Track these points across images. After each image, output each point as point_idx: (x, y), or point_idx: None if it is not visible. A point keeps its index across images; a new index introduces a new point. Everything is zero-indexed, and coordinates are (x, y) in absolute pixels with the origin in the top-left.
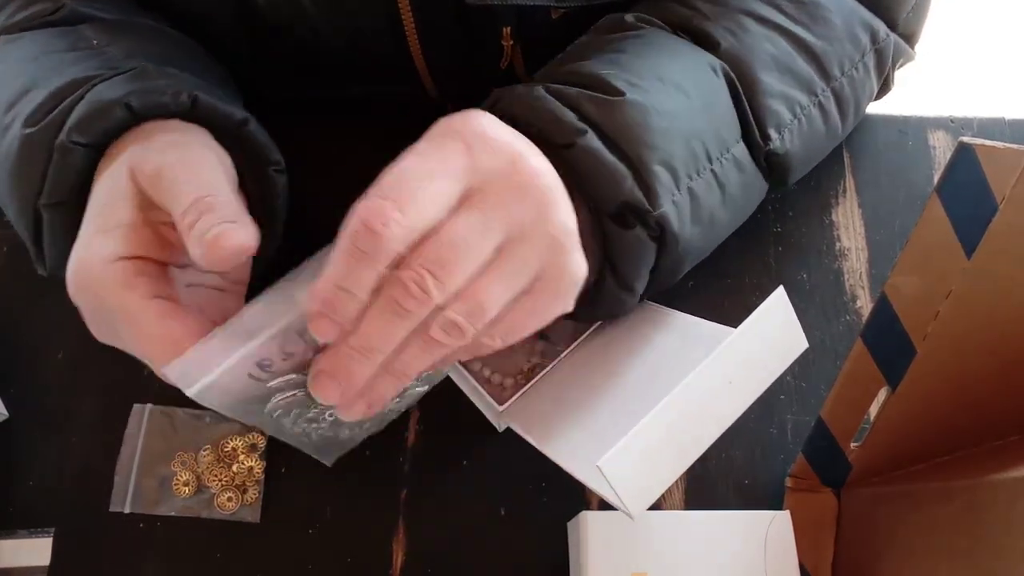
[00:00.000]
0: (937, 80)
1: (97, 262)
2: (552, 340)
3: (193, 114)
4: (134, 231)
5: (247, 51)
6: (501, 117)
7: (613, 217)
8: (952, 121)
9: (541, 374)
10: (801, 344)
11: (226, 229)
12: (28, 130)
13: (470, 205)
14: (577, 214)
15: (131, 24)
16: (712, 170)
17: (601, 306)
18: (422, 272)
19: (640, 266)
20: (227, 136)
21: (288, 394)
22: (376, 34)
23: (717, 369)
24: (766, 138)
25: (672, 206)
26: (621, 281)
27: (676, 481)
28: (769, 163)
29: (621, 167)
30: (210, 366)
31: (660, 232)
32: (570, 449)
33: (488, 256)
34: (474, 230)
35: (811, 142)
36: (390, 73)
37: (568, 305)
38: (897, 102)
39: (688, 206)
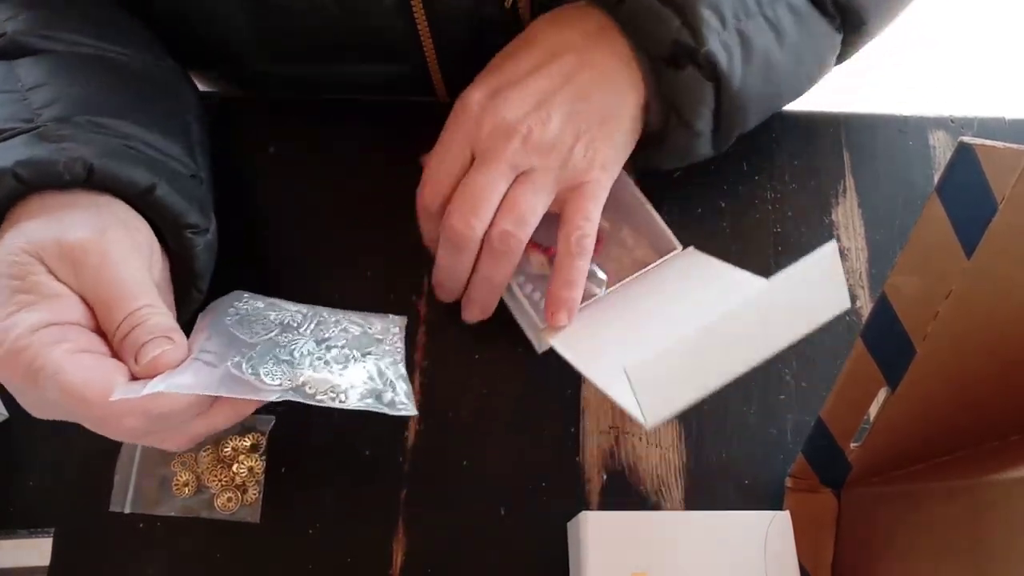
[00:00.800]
0: (937, 80)
1: (24, 330)
2: (595, 282)
3: (94, 183)
4: (59, 301)
5: (250, 30)
6: None
7: (667, 61)
8: (952, 121)
9: (585, 304)
10: (843, 303)
11: (163, 353)
12: None
13: (478, 162)
14: (637, 65)
15: (77, 57)
16: (763, 14)
17: (669, 147)
18: (456, 213)
19: (697, 104)
20: (135, 203)
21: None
22: None
23: (755, 308)
24: None
25: (719, 45)
26: (683, 120)
27: (676, 481)
28: (839, 7)
29: (667, 11)
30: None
31: (713, 70)
32: (602, 366)
33: (503, 186)
34: (484, 176)
35: None
36: (390, 35)
37: (606, 174)
38: (897, 102)
39: (738, 47)
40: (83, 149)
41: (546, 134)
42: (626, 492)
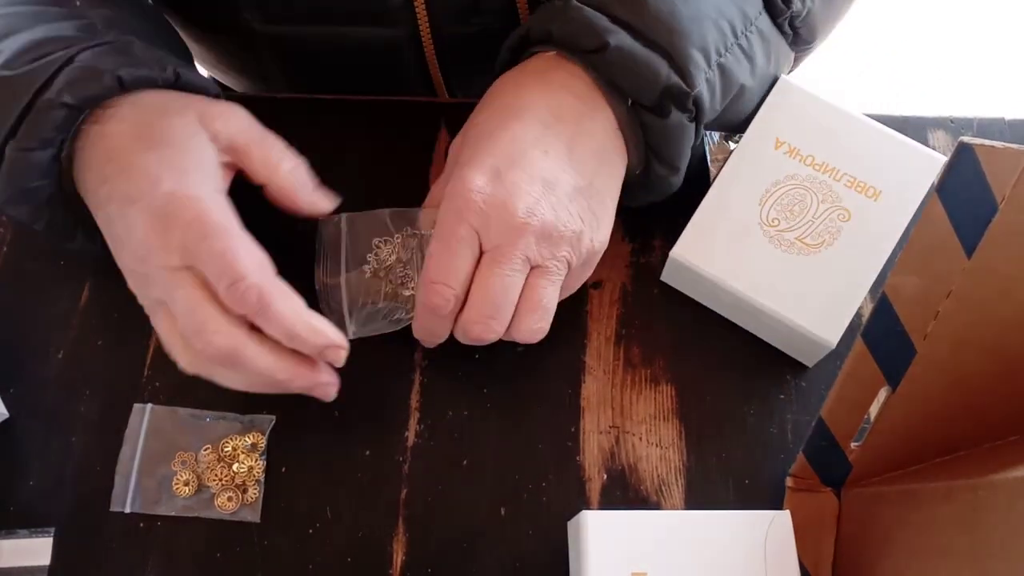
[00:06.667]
0: (937, 80)
1: (206, 193)
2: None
3: (180, 86)
4: (223, 171)
5: None
6: (538, 35)
7: (652, 109)
8: (952, 121)
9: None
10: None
11: (327, 202)
12: (5, 73)
13: (491, 260)
14: (614, 112)
15: None
16: (739, 44)
17: (652, 190)
18: (479, 324)
19: (683, 147)
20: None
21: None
22: None
23: None
24: (788, 3)
25: (705, 84)
26: (667, 164)
27: (676, 481)
28: (794, 27)
29: (655, 57)
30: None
31: (697, 112)
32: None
33: (520, 282)
34: (501, 278)
35: (830, 1)
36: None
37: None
38: (897, 102)
39: (719, 82)
40: (166, 59)
41: (558, 226)
42: (626, 492)
